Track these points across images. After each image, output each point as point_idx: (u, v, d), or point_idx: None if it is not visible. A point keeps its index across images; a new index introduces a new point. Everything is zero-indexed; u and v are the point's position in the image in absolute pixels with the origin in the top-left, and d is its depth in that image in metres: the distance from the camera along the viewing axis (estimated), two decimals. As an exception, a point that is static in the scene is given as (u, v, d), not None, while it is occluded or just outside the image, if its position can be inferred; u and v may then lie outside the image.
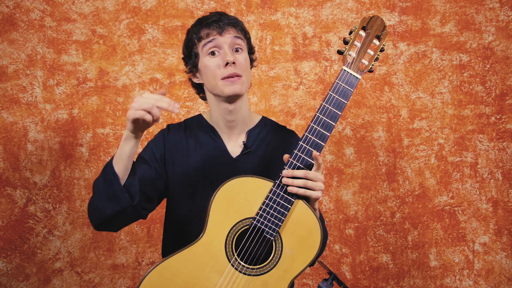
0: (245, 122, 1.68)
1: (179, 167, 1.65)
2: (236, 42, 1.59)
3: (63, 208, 2.52)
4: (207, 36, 1.58)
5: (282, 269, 1.41)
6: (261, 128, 1.72)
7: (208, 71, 1.59)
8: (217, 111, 1.65)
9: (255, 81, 2.58)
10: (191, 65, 1.65)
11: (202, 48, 1.59)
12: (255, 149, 1.67)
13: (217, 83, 1.57)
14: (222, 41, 1.57)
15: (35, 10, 2.52)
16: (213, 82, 1.58)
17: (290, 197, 1.41)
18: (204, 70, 1.61)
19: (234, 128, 1.67)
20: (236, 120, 1.65)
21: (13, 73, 2.51)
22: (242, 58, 1.59)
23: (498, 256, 2.59)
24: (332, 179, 2.59)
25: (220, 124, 1.67)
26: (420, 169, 2.61)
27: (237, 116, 1.65)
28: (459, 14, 2.61)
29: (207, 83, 1.62)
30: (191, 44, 1.63)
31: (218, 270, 1.40)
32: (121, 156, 1.42)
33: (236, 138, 1.68)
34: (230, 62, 1.55)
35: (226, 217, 1.41)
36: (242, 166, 1.65)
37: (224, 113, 1.64)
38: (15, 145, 2.50)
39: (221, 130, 1.68)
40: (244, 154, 1.66)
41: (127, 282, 2.53)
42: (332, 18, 2.61)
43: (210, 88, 1.62)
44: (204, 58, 1.59)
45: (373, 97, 2.61)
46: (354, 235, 2.59)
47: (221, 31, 1.57)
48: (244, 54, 1.61)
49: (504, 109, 2.61)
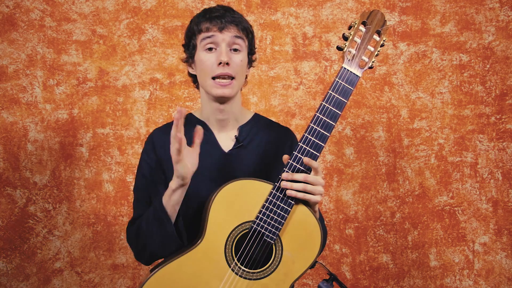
0: (236, 119, 1.66)
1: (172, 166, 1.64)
2: (235, 42, 1.56)
3: (63, 208, 2.52)
4: (207, 30, 1.55)
5: (282, 273, 1.41)
6: (253, 123, 1.69)
7: (202, 66, 1.57)
8: (208, 108, 1.63)
9: (255, 81, 2.57)
10: (188, 55, 1.64)
11: (200, 42, 1.57)
12: (248, 144, 1.64)
13: (207, 81, 1.56)
14: (221, 39, 1.54)
15: (35, 10, 2.52)
16: (204, 78, 1.57)
17: (290, 200, 1.40)
18: (198, 64, 1.59)
19: (226, 126, 1.65)
20: (228, 119, 1.63)
21: (13, 73, 2.50)
22: (238, 59, 1.56)
23: (498, 256, 2.59)
24: (332, 179, 2.59)
25: (211, 121, 1.65)
26: (420, 169, 2.60)
27: (228, 115, 1.63)
28: (459, 14, 2.61)
29: (200, 78, 1.61)
30: (190, 34, 1.61)
31: (218, 275, 1.39)
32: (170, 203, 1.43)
33: (228, 133, 1.65)
34: (224, 62, 1.52)
35: (226, 220, 1.40)
36: (234, 160, 1.62)
37: (215, 111, 1.62)
38: (15, 145, 2.50)
39: (212, 125, 1.65)
40: (236, 148, 1.63)
41: (127, 282, 2.54)
42: (332, 18, 2.60)
43: (202, 83, 1.60)
44: (201, 53, 1.57)
45: (373, 97, 2.61)
46: (354, 235, 2.59)
47: (221, 28, 1.54)
48: (241, 55, 1.58)
49: (504, 109, 2.60)
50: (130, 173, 2.53)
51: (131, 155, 2.54)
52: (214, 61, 1.54)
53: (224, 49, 1.54)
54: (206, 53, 1.56)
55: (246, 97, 2.58)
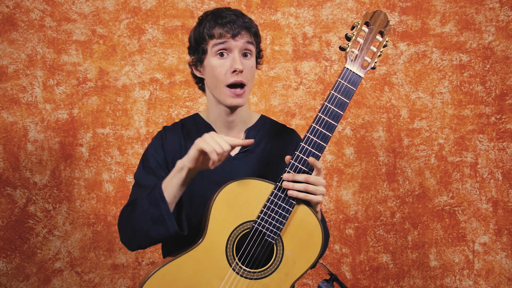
0: (244, 122, 1.66)
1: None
2: (247, 47, 1.55)
3: (63, 208, 2.52)
4: (220, 36, 1.53)
5: (283, 273, 1.41)
6: (260, 126, 1.69)
7: (214, 72, 1.55)
8: (216, 111, 1.63)
9: (255, 81, 2.57)
10: (196, 59, 1.61)
11: (212, 47, 1.54)
12: (254, 148, 1.64)
13: (221, 89, 1.54)
14: (234, 45, 1.52)
15: (35, 10, 2.52)
16: (217, 85, 1.55)
17: (291, 200, 1.40)
18: (209, 69, 1.56)
19: (233, 128, 1.65)
20: (235, 121, 1.63)
21: (13, 73, 2.50)
22: (249, 65, 1.55)
23: (498, 256, 2.60)
24: (332, 179, 2.59)
25: (218, 124, 1.65)
26: (420, 169, 2.61)
27: (236, 118, 1.63)
28: (459, 14, 2.61)
29: (210, 83, 1.59)
30: (200, 39, 1.58)
31: (219, 274, 1.39)
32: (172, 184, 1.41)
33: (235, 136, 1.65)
34: (239, 70, 1.51)
35: (227, 220, 1.40)
36: (240, 164, 1.62)
37: (223, 114, 1.61)
38: (15, 145, 2.50)
39: (219, 128, 1.65)
40: (243, 152, 1.63)
41: (127, 282, 2.53)
42: (332, 18, 2.60)
43: (212, 89, 1.59)
44: (212, 58, 1.55)
45: (373, 97, 2.61)
46: (354, 235, 2.59)
47: (235, 34, 1.52)
48: (252, 60, 1.58)
49: (504, 109, 2.61)
50: (130, 173, 2.53)
51: (131, 155, 2.54)
52: (228, 69, 1.52)
53: (238, 56, 1.53)
54: (218, 58, 1.54)
55: (246, 97, 2.58)
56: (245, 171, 1.61)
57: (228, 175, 1.51)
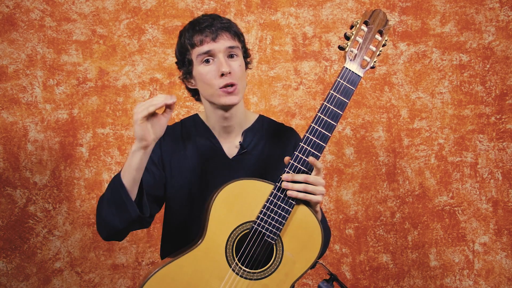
0: (240, 124, 1.67)
1: (176, 169, 1.64)
2: (231, 48, 1.55)
3: (63, 208, 2.52)
4: (201, 43, 1.53)
5: (283, 273, 1.41)
6: (258, 127, 1.70)
7: (204, 79, 1.55)
8: (213, 117, 1.64)
9: (255, 81, 2.58)
10: (185, 72, 1.62)
11: (196, 57, 1.55)
12: (252, 149, 1.65)
13: (213, 92, 1.55)
14: (217, 49, 1.53)
15: (35, 10, 2.52)
16: (210, 91, 1.56)
17: (291, 200, 1.40)
18: (199, 78, 1.57)
19: (231, 132, 1.66)
20: (233, 125, 1.64)
21: (13, 73, 2.50)
22: (236, 66, 1.55)
23: (498, 256, 2.60)
24: (332, 179, 2.59)
25: (216, 128, 1.66)
26: (420, 169, 2.61)
27: (233, 121, 1.63)
28: (459, 14, 2.61)
29: (203, 91, 1.60)
30: (184, 50, 1.59)
31: (219, 275, 1.39)
32: (129, 168, 1.41)
33: (233, 139, 1.66)
34: (226, 73, 1.51)
35: (226, 221, 1.40)
36: (238, 166, 1.63)
37: (220, 119, 1.62)
38: (15, 145, 2.50)
39: (217, 132, 1.66)
40: (241, 154, 1.64)
41: (127, 282, 2.54)
42: (332, 18, 2.60)
43: (206, 96, 1.59)
44: (199, 67, 1.56)
45: (373, 97, 2.61)
46: (354, 235, 2.59)
47: (215, 37, 1.52)
48: (239, 60, 1.57)
49: (504, 109, 2.61)
50: (130, 173, 2.52)
51: (131, 155, 2.53)
52: (216, 73, 1.53)
53: (223, 59, 1.53)
54: (205, 65, 1.55)
55: (246, 97, 2.58)
56: (244, 172, 1.62)
57: (226, 176, 1.51)
